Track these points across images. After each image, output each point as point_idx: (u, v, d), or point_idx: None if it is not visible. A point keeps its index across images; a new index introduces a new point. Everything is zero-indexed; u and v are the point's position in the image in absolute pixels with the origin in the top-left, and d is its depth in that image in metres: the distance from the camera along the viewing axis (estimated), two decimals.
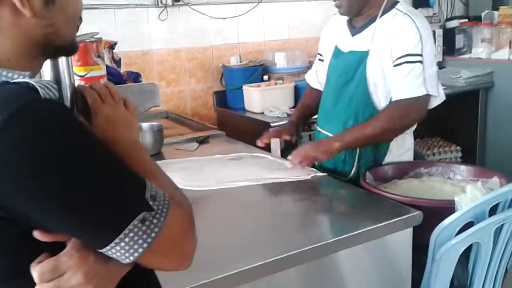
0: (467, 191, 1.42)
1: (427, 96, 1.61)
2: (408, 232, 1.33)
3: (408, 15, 1.61)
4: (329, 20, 1.94)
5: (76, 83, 0.94)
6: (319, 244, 1.18)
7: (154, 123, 2.18)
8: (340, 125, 1.73)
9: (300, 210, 1.42)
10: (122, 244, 0.63)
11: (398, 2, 1.69)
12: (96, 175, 0.62)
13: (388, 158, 1.76)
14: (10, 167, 0.57)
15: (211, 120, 3.14)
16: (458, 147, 3.50)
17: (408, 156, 1.83)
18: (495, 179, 1.59)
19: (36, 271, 0.64)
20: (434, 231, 1.33)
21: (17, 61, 0.67)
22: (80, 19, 0.76)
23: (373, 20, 1.68)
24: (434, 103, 1.68)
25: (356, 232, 1.23)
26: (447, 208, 1.37)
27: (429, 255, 1.35)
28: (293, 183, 1.64)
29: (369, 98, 1.68)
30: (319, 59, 1.97)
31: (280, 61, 3.07)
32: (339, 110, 1.75)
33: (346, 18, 1.78)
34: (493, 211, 1.37)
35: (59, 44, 0.72)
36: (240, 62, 3.08)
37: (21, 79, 0.66)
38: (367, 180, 1.60)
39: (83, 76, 1.32)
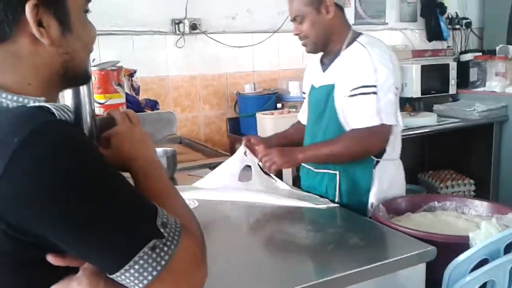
0: (482, 227, 1.40)
1: (383, 126, 1.63)
2: (421, 268, 1.31)
3: (365, 47, 1.67)
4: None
5: (96, 110, 0.96)
6: (329, 278, 1.16)
7: (168, 148, 2.20)
8: None
9: (311, 241, 1.41)
10: (132, 271, 0.63)
11: (361, 34, 1.75)
12: (109, 198, 0.63)
13: (374, 188, 1.74)
14: (26, 188, 0.58)
15: (223, 146, 3.16)
16: (472, 180, 3.47)
17: (399, 185, 1.82)
18: (510, 216, 1.57)
19: None
20: (448, 268, 1.31)
21: (37, 87, 0.69)
22: (92, 49, 0.78)
23: (338, 54, 1.75)
24: (393, 131, 1.69)
25: (368, 267, 1.21)
26: (461, 244, 1.35)
27: None
28: (306, 212, 1.64)
29: (342, 129, 1.72)
30: (304, 98, 2.03)
31: (294, 89, 3.09)
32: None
33: (319, 56, 1.86)
34: (508, 248, 1.35)
35: (76, 71, 0.74)
36: (254, 90, 3.11)
37: (36, 104, 0.67)
38: (380, 213, 1.59)
39: (103, 103, 1.34)
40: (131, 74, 1.90)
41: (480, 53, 3.78)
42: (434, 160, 3.76)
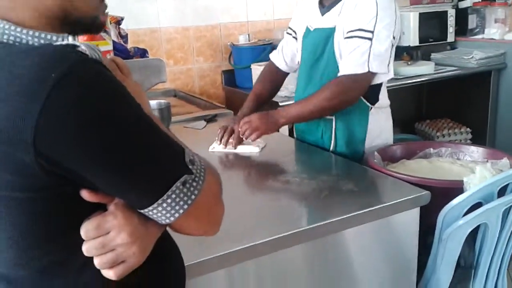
0: (476, 171, 1.41)
1: (369, 74, 1.61)
2: (416, 212, 1.32)
3: None
4: None
5: None
6: (325, 222, 1.18)
7: (162, 100, 2.17)
8: None
9: (306, 188, 1.41)
10: (164, 205, 0.65)
11: None
12: (145, 136, 0.64)
13: (369, 133, 1.74)
14: (65, 125, 0.58)
15: (219, 98, 3.13)
16: (468, 129, 3.47)
17: (388, 134, 1.82)
18: (505, 160, 1.58)
19: (82, 228, 0.66)
20: (442, 211, 1.32)
21: (41, 30, 0.67)
22: None
23: None
24: (380, 79, 1.68)
25: (363, 211, 1.23)
26: (456, 188, 1.36)
27: (436, 235, 1.34)
28: (300, 160, 1.64)
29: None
30: (292, 36, 1.94)
31: None
32: (311, 89, 1.75)
33: None
34: (502, 192, 1.36)
35: (76, 18, 0.71)
36: (249, 40, 3.05)
37: (63, 42, 0.66)
38: (375, 160, 1.59)
39: None
40: (118, 21, 1.84)
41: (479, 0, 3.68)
42: (432, 109, 3.75)
